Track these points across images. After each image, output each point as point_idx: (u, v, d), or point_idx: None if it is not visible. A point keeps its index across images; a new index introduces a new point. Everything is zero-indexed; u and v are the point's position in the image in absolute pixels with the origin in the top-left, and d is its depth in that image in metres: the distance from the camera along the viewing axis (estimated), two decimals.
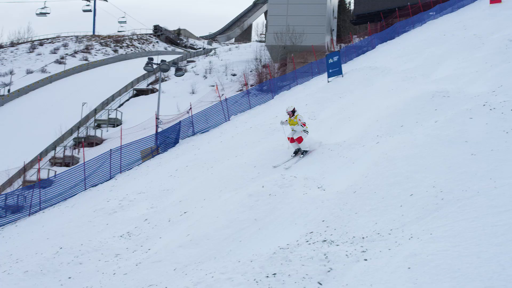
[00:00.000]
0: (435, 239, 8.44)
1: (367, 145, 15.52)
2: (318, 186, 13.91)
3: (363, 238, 9.82)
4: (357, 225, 10.61)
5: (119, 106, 51.50)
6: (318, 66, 36.65)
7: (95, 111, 49.82)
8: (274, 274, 9.10)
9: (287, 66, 49.02)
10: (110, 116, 48.05)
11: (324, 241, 10.14)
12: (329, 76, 29.54)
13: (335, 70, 29.31)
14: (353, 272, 8.57)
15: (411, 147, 12.93)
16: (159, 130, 31.86)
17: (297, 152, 17.59)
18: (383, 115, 17.96)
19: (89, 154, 33.65)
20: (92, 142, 42.24)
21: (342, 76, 28.37)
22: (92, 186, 26.21)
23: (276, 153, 17.04)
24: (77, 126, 46.44)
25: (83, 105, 48.09)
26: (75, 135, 45.15)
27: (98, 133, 44.77)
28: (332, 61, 29.67)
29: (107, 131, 45.39)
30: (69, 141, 44.31)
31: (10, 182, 35.97)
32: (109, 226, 16.72)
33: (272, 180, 14.37)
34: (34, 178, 35.68)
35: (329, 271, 8.79)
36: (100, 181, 26.66)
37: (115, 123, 46.96)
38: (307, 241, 10.36)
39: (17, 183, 36.13)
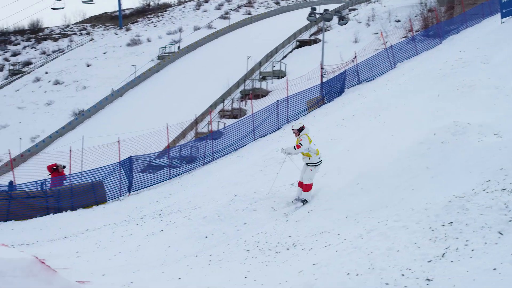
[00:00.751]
0: None
1: None
2: (494, 133, 13.26)
3: None
4: None
5: (283, 58, 52.08)
6: (490, 7, 34.45)
7: (260, 63, 50.82)
8: (451, 223, 8.90)
9: (454, 9, 46.58)
10: (274, 68, 48.80)
11: (503, 189, 9.70)
12: (502, 17, 27.74)
13: (509, 10, 27.42)
14: None
15: None
16: (324, 80, 31.92)
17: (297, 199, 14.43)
18: None
19: (256, 105, 34.61)
20: (258, 94, 43.26)
21: None
22: (261, 137, 27.01)
23: (448, 98, 16.38)
24: (243, 79, 47.75)
25: (248, 58, 49.25)
26: (241, 88, 46.51)
27: (264, 85, 45.72)
28: (506, 0, 27.78)
29: (272, 83, 46.22)
30: (236, 94, 45.76)
31: (183, 134, 38.06)
32: (280, 174, 17.13)
33: (444, 127, 13.90)
34: (205, 130, 37.41)
35: (510, 221, 8.44)
36: (268, 132, 27.41)
37: (279, 75, 47.64)
38: (484, 190, 9.96)
39: (190, 135, 38.10)
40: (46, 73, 60.60)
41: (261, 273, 9.92)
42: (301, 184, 14.30)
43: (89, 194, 23.19)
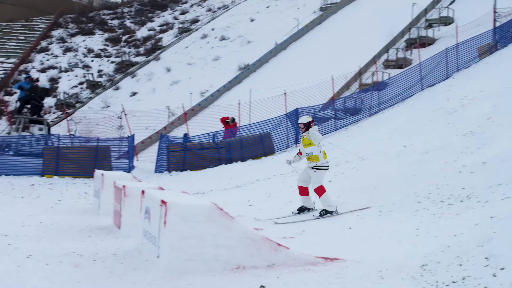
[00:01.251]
0: None
1: None
2: None
3: None
4: None
5: (451, 3, 49.48)
6: None
7: (426, 10, 48.73)
8: None
9: None
10: (441, 15, 46.64)
11: None
12: None
13: None
14: None
15: None
16: (497, 24, 30.07)
17: (302, 209, 12.65)
18: None
19: (422, 54, 33.52)
20: (424, 42, 41.66)
21: None
22: (429, 86, 26.17)
23: None
24: (408, 28, 46.12)
25: (413, 6, 47.44)
26: (406, 37, 45.05)
27: (430, 33, 43.94)
28: None
29: (439, 30, 44.27)
30: (401, 43, 44.43)
31: (347, 86, 37.78)
32: (450, 125, 16.58)
33: None
34: (369, 81, 36.89)
35: None
36: (436, 81, 26.47)
37: (446, 21, 45.45)
38: None
39: (354, 87, 37.76)
40: (213, 29, 62.55)
41: (434, 225, 9.72)
42: (304, 192, 12.60)
43: (257, 145, 24.00)
